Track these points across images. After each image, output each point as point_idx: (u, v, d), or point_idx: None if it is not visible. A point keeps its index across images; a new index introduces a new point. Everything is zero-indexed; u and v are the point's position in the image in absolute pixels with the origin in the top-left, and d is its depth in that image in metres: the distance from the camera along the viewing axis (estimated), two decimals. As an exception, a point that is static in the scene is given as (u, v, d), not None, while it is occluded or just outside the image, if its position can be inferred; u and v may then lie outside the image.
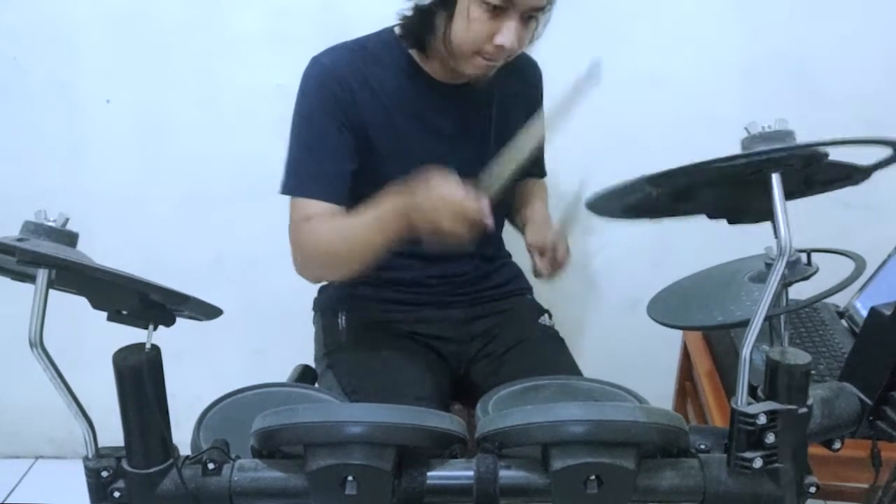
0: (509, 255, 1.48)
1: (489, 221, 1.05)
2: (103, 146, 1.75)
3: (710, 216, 0.76)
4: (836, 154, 0.68)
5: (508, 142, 1.27)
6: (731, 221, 0.76)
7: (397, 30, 1.23)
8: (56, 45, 1.67)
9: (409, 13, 1.18)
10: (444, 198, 1.03)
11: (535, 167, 1.46)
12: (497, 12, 1.08)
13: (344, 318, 1.35)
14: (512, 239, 1.47)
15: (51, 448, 2.04)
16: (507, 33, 1.09)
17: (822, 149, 0.64)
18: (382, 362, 1.25)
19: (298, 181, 1.18)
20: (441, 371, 1.29)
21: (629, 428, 0.65)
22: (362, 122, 1.19)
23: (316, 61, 1.20)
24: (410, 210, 1.08)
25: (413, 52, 1.22)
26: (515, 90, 1.30)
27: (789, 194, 0.74)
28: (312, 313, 1.45)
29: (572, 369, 1.27)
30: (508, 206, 1.43)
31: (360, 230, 1.13)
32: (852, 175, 0.73)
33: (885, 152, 0.68)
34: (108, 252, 0.80)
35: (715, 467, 0.68)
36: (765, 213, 0.64)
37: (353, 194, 1.21)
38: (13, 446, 2.05)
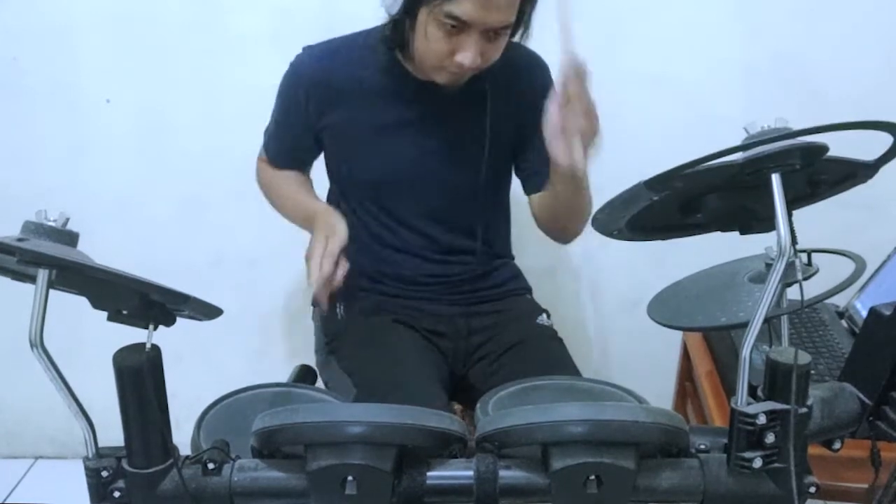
0: (512, 258, 1.47)
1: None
2: (103, 146, 1.75)
3: (721, 229, 0.76)
4: (837, 150, 0.68)
5: (503, 141, 1.27)
6: (742, 232, 0.76)
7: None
8: (56, 45, 1.67)
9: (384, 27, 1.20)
10: (319, 235, 1.15)
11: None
12: (455, 30, 1.07)
13: (342, 307, 1.35)
14: (512, 240, 1.47)
15: (51, 448, 2.04)
16: (466, 52, 1.08)
17: (820, 142, 0.64)
18: (383, 344, 1.26)
19: (267, 140, 1.38)
20: (439, 359, 1.30)
21: (629, 428, 0.65)
22: (339, 118, 1.24)
23: (296, 61, 1.27)
24: (314, 225, 1.20)
25: (396, 51, 1.23)
26: (515, 88, 1.29)
27: (798, 200, 0.74)
28: (311, 309, 1.45)
29: (571, 369, 1.27)
30: (506, 210, 1.42)
31: (295, 210, 1.32)
32: (857, 173, 0.73)
33: (885, 144, 0.68)
34: (109, 252, 0.80)
35: (715, 467, 0.68)
36: (773, 219, 0.63)
37: (340, 187, 1.32)
38: (13, 446, 2.05)
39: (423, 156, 1.25)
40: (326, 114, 1.25)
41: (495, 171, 1.32)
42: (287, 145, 1.35)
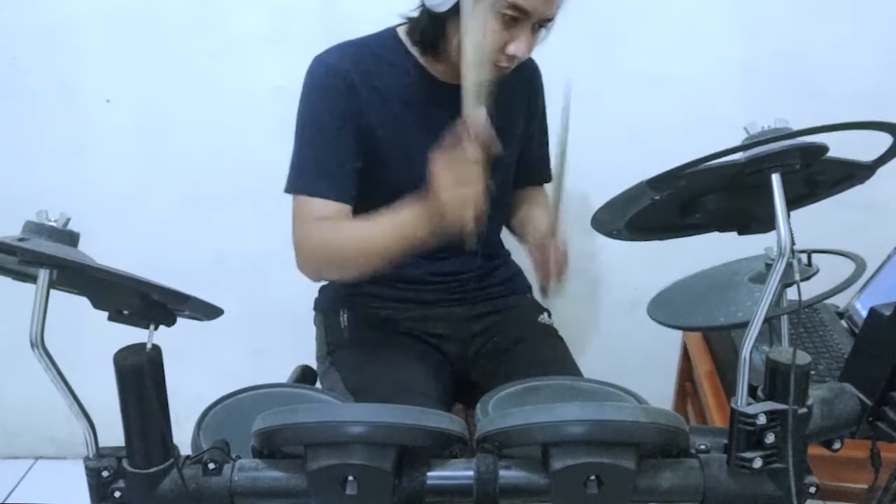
0: (509, 254, 1.48)
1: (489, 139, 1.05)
2: (103, 146, 1.75)
3: (719, 229, 0.76)
4: (836, 151, 0.68)
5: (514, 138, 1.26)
6: (740, 232, 0.76)
7: (401, 30, 1.22)
8: (56, 45, 1.67)
9: (418, 17, 1.17)
10: (444, 170, 1.04)
11: (538, 173, 1.46)
12: (511, 23, 1.09)
13: (346, 316, 1.35)
14: (511, 238, 1.47)
15: (51, 448, 2.04)
16: (520, 43, 1.10)
17: (820, 142, 0.64)
18: (385, 359, 1.26)
19: (305, 180, 1.18)
20: (442, 369, 1.29)
21: (629, 428, 0.65)
22: (367, 121, 1.19)
23: (320, 61, 1.20)
24: (429, 211, 1.07)
25: (415, 53, 1.22)
26: (516, 90, 1.30)
27: (797, 200, 0.74)
28: (313, 313, 1.45)
29: (572, 367, 1.28)
30: (508, 208, 1.43)
31: (380, 236, 1.12)
32: (855, 174, 0.73)
33: (885, 144, 0.68)
34: (109, 252, 0.80)
35: (715, 467, 0.68)
36: (772, 220, 0.63)
37: (360, 196, 1.22)
38: (13, 446, 2.05)
39: None
40: (360, 107, 1.18)
41: (508, 170, 1.33)
42: (341, 159, 1.18)
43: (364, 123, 1.19)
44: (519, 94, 1.32)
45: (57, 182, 1.76)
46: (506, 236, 1.47)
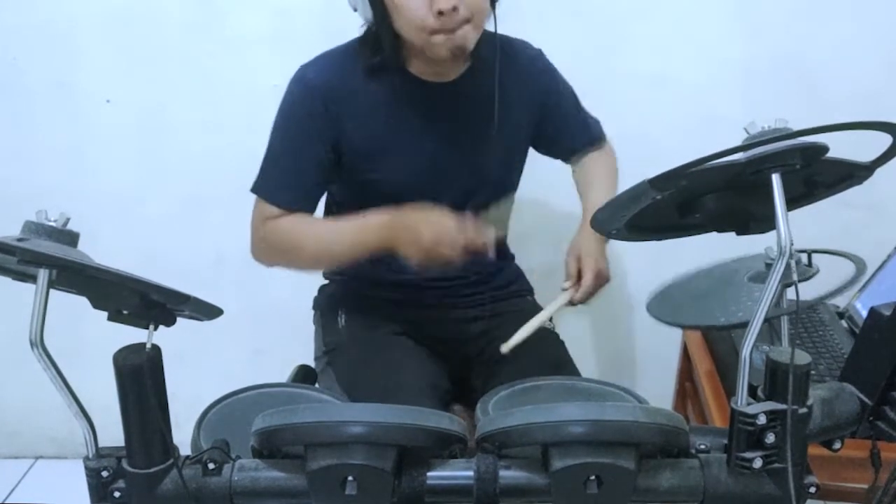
0: (513, 257, 1.47)
1: (488, 250, 1.12)
2: (103, 146, 1.75)
3: (718, 230, 0.76)
4: (836, 151, 0.68)
5: (513, 136, 1.26)
6: (738, 233, 0.76)
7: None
8: (56, 45, 1.67)
9: (365, 33, 1.19)
10: (432, 219, 1.10)
11: (581, 136, 1.40)
12: None
13: (344, 316, 1.35)
14: (513, 240, 1.47)
15: (51, 448, 2.04)
16: None
17: (820, 142, 0.64)
18: (382, 359, 1.25)
19: (269, 187, 1.24)
20: (440, 370, 1.29)
21: (629, 428, 0.65)
22: (349, 132, 1.20)
23: (301, 76, 1.21)
24: (395, 226, 1.12)
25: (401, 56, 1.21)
26: (518, 82, 1.29)
27: (795, 200, 0.74)
28: (312, 313, 1.45)
29: (571, 369, 1.27)
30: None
31: (337, 235, 1.19)
32: (854, 174, 0.73)
33: (884, 144, 0.68)
34: (109, 252, 0.80)
35: (715, 467, 0.68)
36: (771, 220, 0.63)
37: (347, 200, 1.25)
38: (13, 446, 2.05)
39: (437, 162, 1.24)
40: (340, 124, 1.20)
41: (506, 170, 1.32)
42: (304, 174, 1.22)
43: (345, 136, 1.20)
44: (524, 87, 1.30)
45: (57, 182, 1.76)
46: (509, 238, 1.47)
